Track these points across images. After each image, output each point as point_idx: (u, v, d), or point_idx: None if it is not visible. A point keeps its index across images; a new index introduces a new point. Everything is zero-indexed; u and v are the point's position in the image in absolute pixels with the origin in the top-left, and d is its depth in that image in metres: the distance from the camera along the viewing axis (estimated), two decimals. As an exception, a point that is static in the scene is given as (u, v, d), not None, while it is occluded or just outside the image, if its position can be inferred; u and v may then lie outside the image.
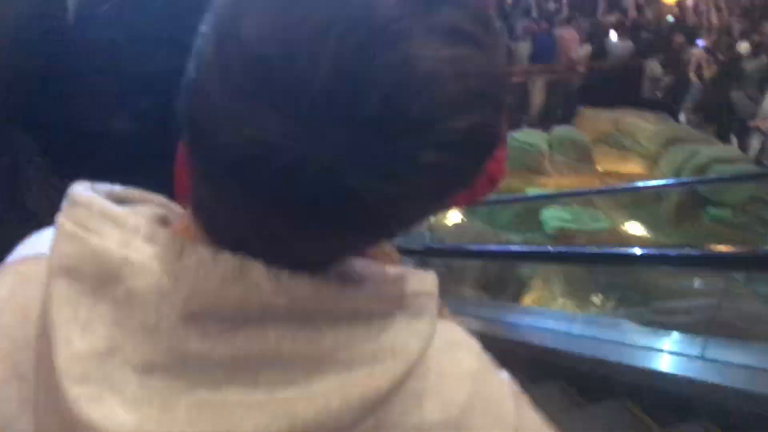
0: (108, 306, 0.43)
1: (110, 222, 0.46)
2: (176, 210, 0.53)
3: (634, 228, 6.35)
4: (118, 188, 0.52)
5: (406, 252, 3.97)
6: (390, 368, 0.46)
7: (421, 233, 4.59)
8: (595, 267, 4.16)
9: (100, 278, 0.44)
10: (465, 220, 6.12)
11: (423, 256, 4.09)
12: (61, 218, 0.47)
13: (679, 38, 8.66)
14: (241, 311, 0.43)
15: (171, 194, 0.56)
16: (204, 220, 0.45)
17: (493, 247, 5.07)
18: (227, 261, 0.42)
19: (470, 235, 5.84)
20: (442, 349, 0.53)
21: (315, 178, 0.37)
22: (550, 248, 4.74)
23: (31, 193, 1.14)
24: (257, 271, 0.42)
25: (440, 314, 0.55)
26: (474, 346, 0.58)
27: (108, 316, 0.43)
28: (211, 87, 0.39)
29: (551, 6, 10.18)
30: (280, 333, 0.43)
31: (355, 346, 0.46)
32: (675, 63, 8.40)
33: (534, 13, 9.59)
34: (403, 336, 0.48)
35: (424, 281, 0.53)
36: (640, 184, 6.72)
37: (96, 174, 1.16)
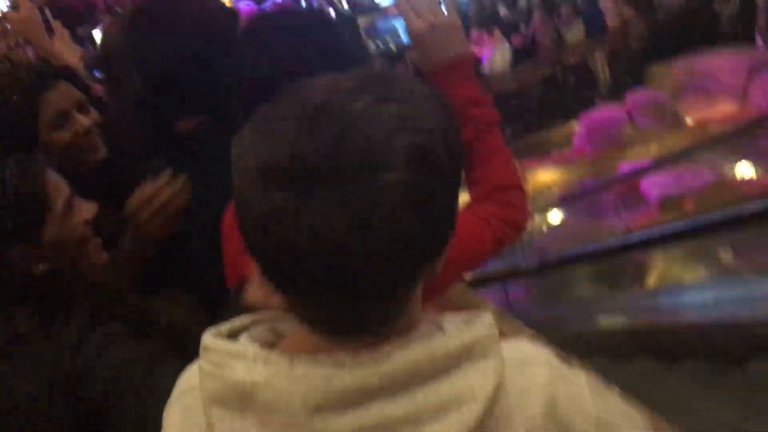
0: (253, 417, 0.61)
1: (235, 358, 0.62)
2: (283, 316, 0.68)
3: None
4: (237, 321, 0.69)
5: (513, 275, 3.86)
6: (473, 408, 0.59)
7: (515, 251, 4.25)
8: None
9: (241, 400, 0.61)
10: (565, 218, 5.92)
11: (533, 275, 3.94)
12: (200, 361, 0.65)
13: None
14: (345, 396, 0.59)
15: None
16: (301, 317, 0.63)
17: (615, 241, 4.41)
18: (324, 362, 0.59)
19: (573, 233, 5.60)
20: (516, 369, 0.64)
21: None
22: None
23: None
24: (347, 361, 0.59)
25: (503, 335, 0.64)
26: (542, 356, 0.68)
27: (255, 423, 0.61)
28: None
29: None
30: (380, 405, 0.59)
31: (440, 396, 0.59)
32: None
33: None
34: (477, 379, 0.60)
35: (482, 325, 0.63)
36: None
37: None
